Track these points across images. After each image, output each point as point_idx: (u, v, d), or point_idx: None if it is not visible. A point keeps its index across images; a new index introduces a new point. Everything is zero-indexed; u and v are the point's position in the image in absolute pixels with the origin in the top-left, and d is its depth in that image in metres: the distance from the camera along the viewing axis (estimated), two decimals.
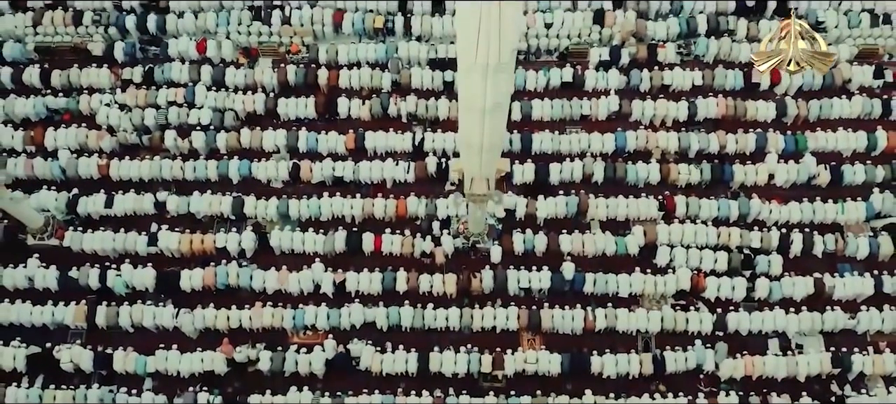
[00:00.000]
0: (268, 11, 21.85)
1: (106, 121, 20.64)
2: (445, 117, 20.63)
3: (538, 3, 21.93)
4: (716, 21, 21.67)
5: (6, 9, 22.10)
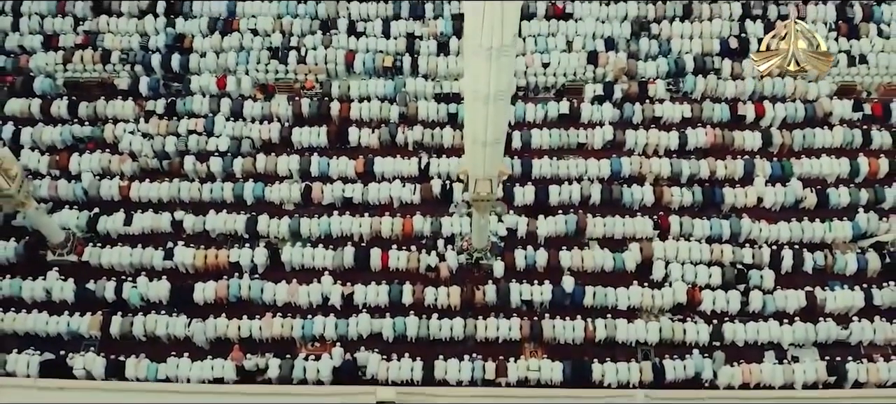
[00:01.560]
0: (285, 52, 23.42)
1: (129, 147, 21.79)
2: (450, 145, 21.80)
3: (536, 45, 23.53)
4: (702, 61, 23.22)
5: (39, 47, 23.66)
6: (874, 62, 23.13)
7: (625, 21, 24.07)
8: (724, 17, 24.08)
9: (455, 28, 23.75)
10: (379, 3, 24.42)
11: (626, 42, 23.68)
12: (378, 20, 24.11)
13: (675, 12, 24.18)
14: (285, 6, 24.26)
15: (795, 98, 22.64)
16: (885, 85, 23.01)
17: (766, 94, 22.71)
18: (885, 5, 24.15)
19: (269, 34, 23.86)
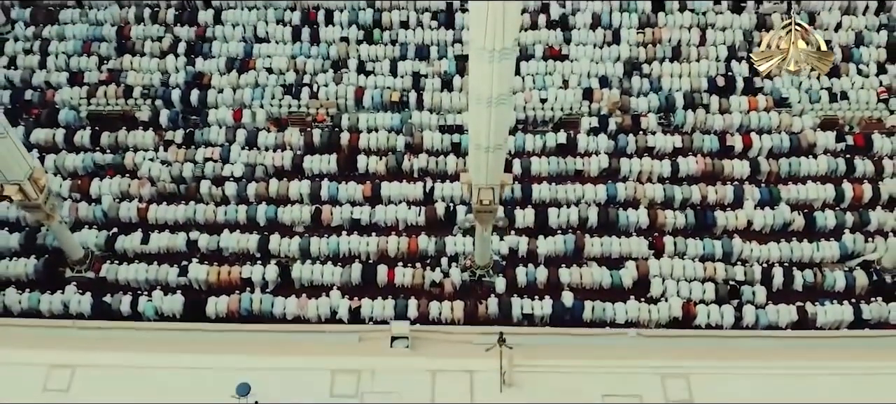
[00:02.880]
0: (298, 88, 24.82)
1: (148, 173, 22.88)
2: (454, 171, 22.90)
3: (534, 83, 24.95)
4: (691, 97, 24.58)
5: (64, 83, 25.08)
6: (854, 98, 24.47)
7: (618, 61, 25.55)
8: (711, 58, 25.58)
9: (458, 67, 25.19)
10: (386, 45, 25.98)
11: (620, 80, 25.10)
12: (386, 61, 25.61)
13: (664, 54, 25.69)
14: (299, 47, 25.83)
15: (781, 130, 23.85)
16: (866, 119, 24.23)
17: (753, 126, 23.96)
18: (863, 47, 25.68)
19: (284, 72, 25.32)
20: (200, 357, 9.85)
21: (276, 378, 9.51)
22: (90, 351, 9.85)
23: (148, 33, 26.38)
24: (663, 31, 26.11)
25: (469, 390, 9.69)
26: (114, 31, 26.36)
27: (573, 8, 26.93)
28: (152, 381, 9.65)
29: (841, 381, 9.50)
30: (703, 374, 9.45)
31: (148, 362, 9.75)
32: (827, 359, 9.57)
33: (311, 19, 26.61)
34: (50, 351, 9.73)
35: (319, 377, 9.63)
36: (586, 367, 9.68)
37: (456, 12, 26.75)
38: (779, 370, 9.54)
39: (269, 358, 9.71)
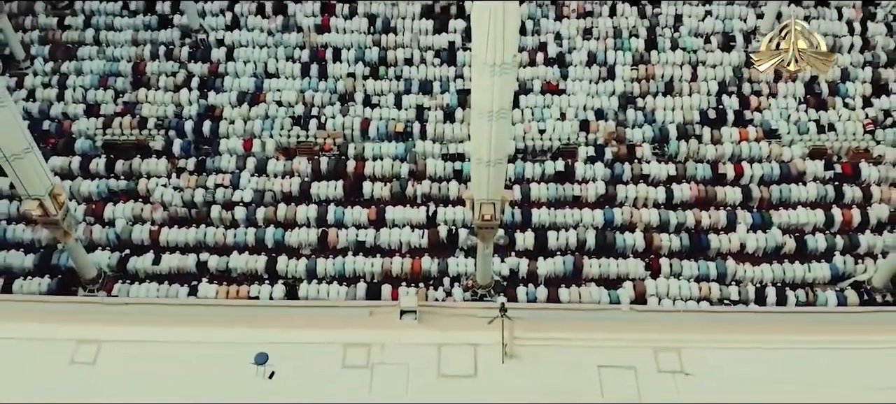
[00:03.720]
0: (306, 119, 25.82)
1: (160, 198, 23.67)
2: (455, 196, 23.68)
3: (533, 115, 25.96)
4: (684, 128, 25.55)
5: (81, 115, 26.09)
6: (842, 129, 25.42)
7: (613, 95, 26.61)
8: (702, 92, 26.66)
9: (460, 100, 26.24)
10: (391, 80, 27.11)
11: (615, 113, 26.12)
12: (390, 94, 26.69)
13: (657, 89, 26.79)
14: (308, 82, 26.94)
15: (771, 159, 24.75)
16: (853, 149, 25.15)
17: (744, 156, 24.85)
18: (849, 82, 26.80)
19: (292, 105, 26.35)
20: (219, 330, 10.43)
21: (290, 350, 10.09)
22: (115, 326, 10.44)
23: (162, 69, 27.51)
24: (656, 67, 27.27)
25: (473, 362, 10.25)
26: (130, 67, 27.49)
27: (569, 46, 28.16)
28: (173, 354, 10.22)
29: (831, 355, 10.04)
30: (694, 348, 10.05)
31: (169, 337, 10.32)
32: (817, 334, 10.13)
33: (319, 57, 27.79)
34: (77, 326, 10.31)
35: (332, 349, 10.20)
36: (583, 340, 10.25)
37: (457, 51, 27.96)
38: (769, 344, 10.10)
39: (284, 332, 10.29)
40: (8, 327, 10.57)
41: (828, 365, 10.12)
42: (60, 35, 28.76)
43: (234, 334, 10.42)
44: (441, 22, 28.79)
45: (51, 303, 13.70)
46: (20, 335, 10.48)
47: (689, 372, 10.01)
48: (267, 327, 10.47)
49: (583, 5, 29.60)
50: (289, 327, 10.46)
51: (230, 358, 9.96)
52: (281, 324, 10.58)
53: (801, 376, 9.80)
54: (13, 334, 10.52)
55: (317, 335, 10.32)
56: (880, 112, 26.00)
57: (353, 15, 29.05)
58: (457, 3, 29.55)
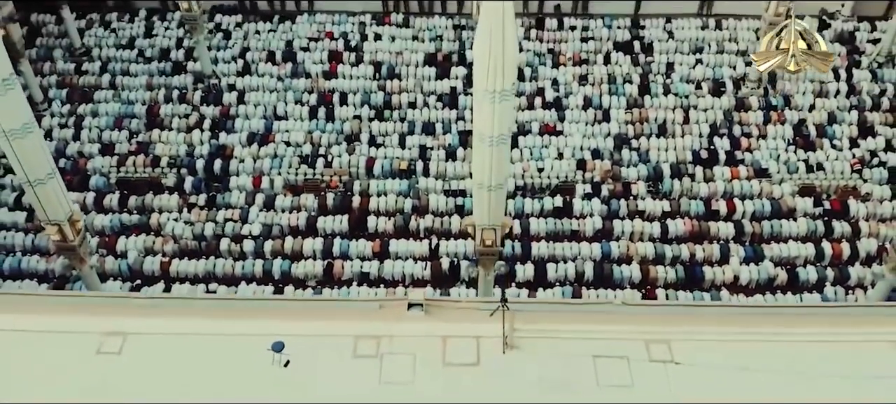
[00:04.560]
0: (313, 158, 26.83)
1: (171, 231, 24.46)
2: (457, 230, 24.47)
3: (531, 155, 26.98)
4: (677, 167, 26.53)
5: (96, 153, 27.11)
6: (830, 168, 26.39)
7: (608, 137, 27.67)
8: (694, 134, 27.73)
9: (461, 140, 27.29)
10: (396, 122, 28.24)
11: (610, 153, 27.13)
12: (395, 135, 27.77)
13: (651, 130, 27.88)
14: (315, 123, 28.05)
15: (762, 196, 25.63)
16: (841, 187, 26.05)
17: (736, 193, 25.73)
18: (835, 125, 27.92)
19: (300, 145, 27.39)
20: (238, 323, 11.06)
21: (304, 342, 10.72)
22: (139, 318, 11.08)
23: (176, 111, 28.66)
24: (649, 111, 28.43)
25: (476, 352, 10.87)
26: (144, 110, 28.64)
27: (566, 91, 29.39)
28: (195, 345, 10.83)
29: (814, 347, 10.65)
30: (683, 340, 10.67)
31: (191, 328, 10.93)
32: (801, 326, 10.73)
33: (326, 100, 28.98)
34: (103, 318, 10.94)
35: (344, 341, 10.84)
36: (578, 332, 10.85)
37: (459, 95, 29.17)
38: (755, 336, 10.70)
39: (298, 324, 10.93)
40: (36, 320, 11.22)
41: (810, 355, 10.74)
42: (78, 80, 30.02)
43: (253, 326, 11.07)
44: (443, 69, 30.11)
45: (78, 298, 14.34)
46: (48, 328, 11.12)
47: (678, 362, 10.64)
48: (283, 320, 11.11)
49: (578, 54, 30.98)
50: (303, 320, 11.12)
51: (248, 348, 10.60)
52: (296, 317, 11.23)
53: (784, 365, 10.39)
54: (42, 327, 11.16)
55: (330, 327, 10.95)
56: (867, 152, 26.98)
57: (360, 62, 30.40)
58: (458, 52, 30.95)
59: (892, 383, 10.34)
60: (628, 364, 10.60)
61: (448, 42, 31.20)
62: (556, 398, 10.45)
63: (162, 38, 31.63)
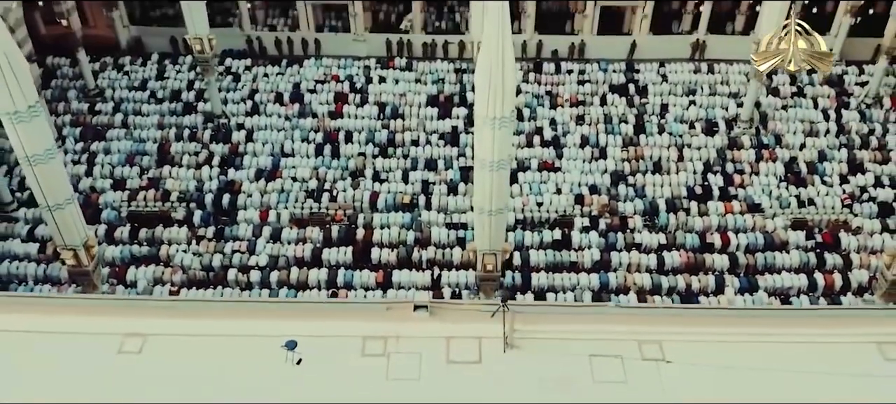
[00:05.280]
0: (319, 193, 27.64)
1: (180, 262, 25.12)
2: (459, 261, 25.11)
3: (531, 190, 27.79)
4: (673, 202, 27.32)
5: (108, 188, 27.94)
6: (821, 204, 27.19)
7: (605, 173, 28.54)
8: (688, 171, 28.61)
9: (463, 176, 28.14)
10: (399, 159, 29.15)
11: (607, 189, 27.96)
12: (398, 171, 28.64)
13: (647, 167, 28.77)
14: (321, 160, 28.96)
15: (755, 230, 26.34)
16: (832, 221, 26.78)
17: (730, 227, 26.46)
18: (826, 162, 28.80)
19: (307, 180, 28.24)
20: (253, 323, 11.64)
21: (316, 342, 11.29)
22: (158, 319, 11.68)
23: (186, 149, 29.60)
24: (645, 149, 29.37)
25: (478, 351, 11.44)
26: (155, 147, 29.59)
27: (564, 131, 30.39)
28: (212, 344, 11.40)
29: (797, 346, 11.19)
30: (674, 340, 11.24)
31: (208, 329, 11.52)
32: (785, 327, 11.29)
33: (332, 139, 29.94)
34: (123, 319, 11.53)
35: (353, 341, 11.41)
36: (575, 332, 11.42)
37: (460, 134, 30.15)
38: (742, 337, 11.27)
39: (309, 325, 11.52)
40: (61, 321, 11.82)
41: (794, 354, 11.31)
42: (91, 119, 31.06)
43: (266, 327, 11.67)
44: (445, 109, 31.19)
45: (100, 300, 14.90)
46: (72, 329, 11.72)
47: (669, 360, 11.19)
48: (295, 320, 11.71)
49: (575, 96, 32.10)
50: (314, 321, 11.72)
51: (263, 347, 11.18)
52: (308, 318, 11.82)
53: (769, 363, 10.95)
54: (66, 328, 11.76)
55: (340, 328, 11.55)
56: (856, 188, 27.79)
57: (364, 103, 31.50)
58: (459, 94, 32.07)
59: (872, 381, 10.90)
60: (622, 362, 11.18)
61: (450, 84, 32.38)
62: (554, 394, 11.01)
63: (173, 81, 32.80)
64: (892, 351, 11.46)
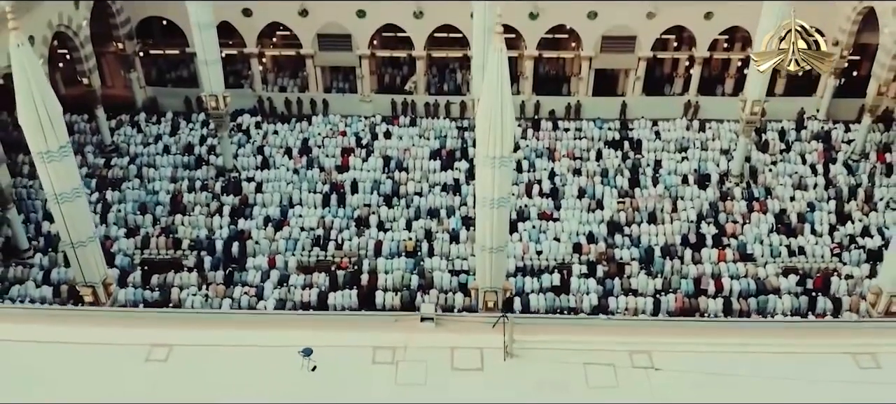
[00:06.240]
0: (325, 241, 28.65)
1: (190, 305, 25.93)
2: (461, 306, 25.87)
3: (530, 238, 28.79)
4: (667, 249, 28.28)
5: (121, 236, 28.96)
6: (810, 252, 28.13)
7: (602, 223, 29.59)
8: (682, 220, 29.67)
9: (464, 224, 29.19)
10: (403, 209, 30.26)
11: (604, 238, 28.96)
12: (402, 220, 29.71)
13: (642, 218, 29.84)
14: (328, 209, 30.07)
15: (748, 276, 27.21)
16: (823, 269, 27.67)
17: (723, 274, 27.34)
18: (815, 213, 29.88)
19: (314, 229, 29.28)
20: (272, 333, 12.46)
21: (329, 352, 12.09)
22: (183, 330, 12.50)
23: (198, 199, 30.74)
24: (640, 200, 30.51)
25: (480, 359, 12.22)
26: (168, 198, 30.75)
27: (561, 182, 31.60)
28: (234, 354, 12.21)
29: (779, 356, 11.95)
30: (663, 350, 12.02)
31: (230, 340, 12.34)
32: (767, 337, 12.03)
33: (338, 189, 31.12)
34: (150, 330, 12.34)
35: (364, 350, 12.22)
36: (571, 342, 12.20)
37: (462, 185, 31.34)
38: (726, 347, 12.05)
39: (325, 336, 12.32)
40: (92, 332, 12.65)
41: (774, 362, 12.06)
42: (106, 172, 32.31)
43: (284, 337, 12.50)
44: (447, 162, 32.46)
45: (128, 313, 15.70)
46: (102, 340, 12.54)
47: (658, 368, 11.95)
48: (310, 331, 12.53)
49: (572, 151, 33.47)
50: (328, 331, 12.54)
51: (281, 356, 12.01)
52: (323, 329, 12.65)
53: (751, 371, 11.73)
54: (97, 339, 12.58)
55: (351, 338, 12.38)
56: (845, 237, 28.76)
57: (370, 156, 32.81)
58: (461, 148, 33.44)
59: (846, 388, 11.66)
60: (614, 370, 11.98)
61: (452, 139, 33.81)
62: (550, 398, 11.76)
63: (186, 136, 34.21)
64: (865, 361, 12.26)
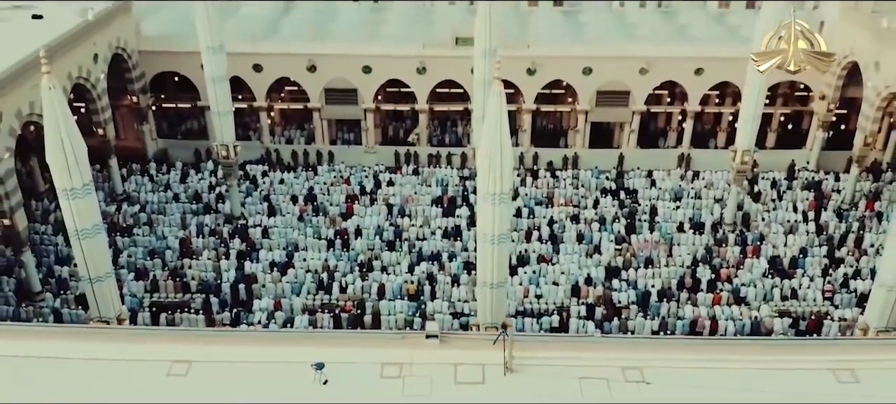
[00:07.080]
0: (329, 284, 29.42)
1: None
2: None
3: (530, 282, 29.56)
4: (664, 292, 29.01)
5: (130, 278, 29.74)
6: (802, 295, 28.86)
7: (599, 267, 30.39)
8: (678, 264, 30.48)
9: (465, 268, 29.97)
10: (406, 253, 31.10)
11: (602, 281, 29.73)
12: (404, 263, 30.52)
13: (638, 263, 30.66)
14: (332, 254, 30.91)
15: (743, 317, 27.87)
16: (815, 313, 28.35)
17: (719, 317, 28.02)
18: (808, 258, 30.72)
19: (318, 272, 30.07)
20: (283, 349, 13.13)
21: (340, 367, 12.77)
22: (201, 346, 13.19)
23: (206, 244, 31.61)
24: (636, 246, 31.38)
25: (482, 375, 12.89)
26: (177, 242, 31.63)
27: (560, 228, 32.51)
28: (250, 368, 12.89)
29: (763, 372, 12.57)
30: (654, 366, 12.67)
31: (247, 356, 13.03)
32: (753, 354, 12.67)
33: (343, 235, 32.02)
34: (171, 346, 13.03)
35: (372, 366, 12.90)
36: (567, 358, 12.86)
37: (462, 231, 32.24)
38: (714, 363, 12.71)
39: (335, 352, 13.01)
40: (115, 349, 13.36)
41: (759, 377, 12.74)
42: (117, 218, 33.25)
43: (297, 353, 13.21)
44: (449, 208, 33.45)
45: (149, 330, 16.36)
46: (125, 356, 13.25)
47: (649, 382, 12.62)
48: (322, 347, 13.23)
49: (570, 199, 34.52)
50: (339, 348, 13.24)
51: (294, 371, 12.71)
52: (334, 346, 13.36)
53: (736, 385, 12.40)
54: (120, 355, 13.29)
55: (361, 354, 13.07)
56: (836, 282, 29.52)
57: (374, 203, 33.83)
58: (462, 195, 34.49)
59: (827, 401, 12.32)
60: (608, 384, 12.67)
61: (454, 187, 34.87)
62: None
63: (195, 185, 35.30)
64: (845, 376, 12.94)
